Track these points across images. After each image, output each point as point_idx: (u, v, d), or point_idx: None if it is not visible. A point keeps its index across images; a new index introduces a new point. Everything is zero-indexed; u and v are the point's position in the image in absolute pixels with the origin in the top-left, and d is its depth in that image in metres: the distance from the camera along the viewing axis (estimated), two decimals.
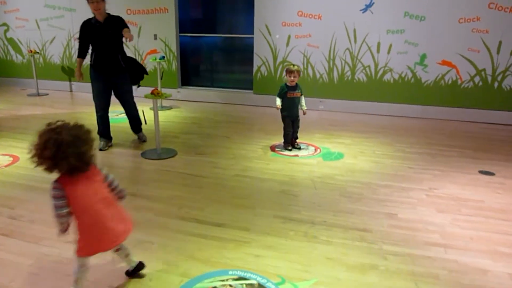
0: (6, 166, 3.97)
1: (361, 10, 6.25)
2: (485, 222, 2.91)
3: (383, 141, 4.98)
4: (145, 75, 4.65)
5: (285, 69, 4.47)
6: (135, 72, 4.41)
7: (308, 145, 4.74)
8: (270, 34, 6.78)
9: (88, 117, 6.08)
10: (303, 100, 4.50)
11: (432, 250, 2.53)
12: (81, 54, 4.30)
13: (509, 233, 2.76)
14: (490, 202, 3.27)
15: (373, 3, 6.16)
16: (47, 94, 7.95)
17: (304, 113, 4.51)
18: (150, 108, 6.14)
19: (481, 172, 3.94)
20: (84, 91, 8.14)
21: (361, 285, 2.17)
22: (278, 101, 4.43)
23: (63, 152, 1.74)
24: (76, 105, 7.20)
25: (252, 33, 6.90)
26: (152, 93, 4.12)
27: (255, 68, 7.04)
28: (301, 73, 4.45)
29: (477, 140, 5.07)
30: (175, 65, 7.47)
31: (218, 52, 7.64)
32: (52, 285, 2.15)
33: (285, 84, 4.42)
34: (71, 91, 8.38)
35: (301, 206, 3.14)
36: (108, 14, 4.22)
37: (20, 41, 8.55)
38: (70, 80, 8.35)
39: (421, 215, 3.01)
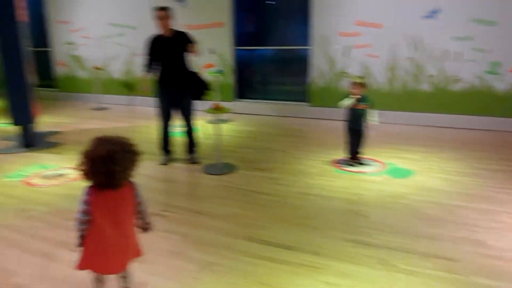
0: (72, 180, 4.09)
1: (424, 16, 5.92)
2: None
3: (453, 156, 4.61)
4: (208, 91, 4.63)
5: (352, 80, 4.25)
6: (198, 87, 4.41)
7: (373, 160, 4.50)
8: (327, 45, 6.62)
9: (146, 130, 6.24)
10: (371, 113, 4.21)
11: None
12: (148, 69, 4.37)
13: None
14: None
15: (438, 9, 5.81)
16: (108, 108, 8.28)
17: (372, 128, 4.29)
18: (207, 122, 6.18)
19: None
20: (143, 105, 8.40)
21: None
22: (346, 101, 4.15)
23: (94, 167, 1.74)
24: (135, 118, 7.42)
25: (308, 44, 6.78)
26: (213, 107, 4.09)
27: (311, 80, 6.88)
28: (365, 86, 4.19)
29: None
30: (230, 79, 7.50)
31: (273, 64, 7.58)
32: None
33: (351, 94, 4.19)
34: (130, 105, 8.67)
35: (372, 229, 2.93)
36: (174, 29, 4.27)
37: (85, 58, 9.03)
38: (130, 95, 8.66)
39: None
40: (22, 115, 5.12)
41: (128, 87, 8.62)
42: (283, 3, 7.25)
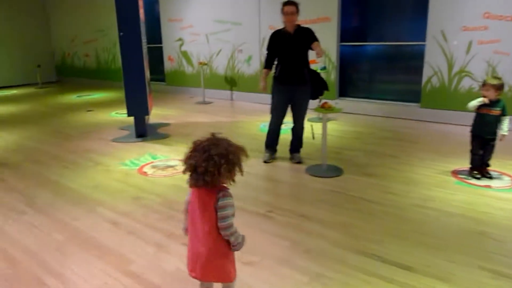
0: (180, 172, 4.23)
1: None
2: None
3: None
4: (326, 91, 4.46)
5: (483, 81, 3.75)
6: (317, 86, 4.26)
7: (502, 174, 3.91)
8: (446, 41, 5.98)
9: (247, 125, 6.30)
10: (505, 122, 3.68)
11: None
12: (268, 65, 4.31)
13: None
14: None
15: None
16: (211, 102, 8.58)
17: (501, 139, 3.70)
18: (308, 120, 6.01)
19: None
20: (243, 100, 8.55)
21: None
22: (476, 103, 3.69)
23: (186, 162, 1.71)
24: (236, 113, 7.56)
25: (424, 40, 6.20)
26: (322, 106, 3.91)
27: (424, 79, 6.30)
28: (501, 88, 3.63)
29: None
30: (334, 76, 7.23)
31: (381, 61, 7.10)
32: None
33: (482, 97, 3.71)
34: (231, 99, 8.89)
35: (510, 257, 2.49)
36: (298, 25, 4.16)
37: (191, 54, 9.47)
38: (231, 90, 8.87)
39: None
40: (137, 107, 5.49)
41: (229, 82, 8.84)
42: None
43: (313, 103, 4.43)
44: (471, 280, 2.28)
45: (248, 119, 6.82)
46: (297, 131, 4.39)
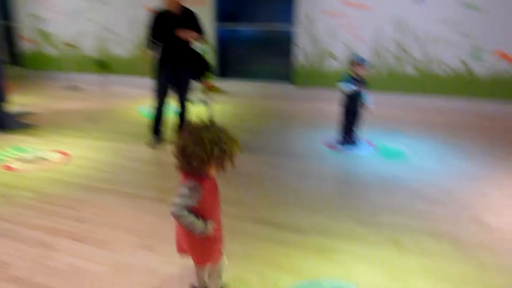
0: (57, 163, 3.87)
1: (413, 0, 5.95)
2: None
3: (443, 138, 4.72)
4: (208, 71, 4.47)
5: (352, 60, 4.17)
6: (199, 66, 4.24)
7: (366, 142, 4.52)
8: (311, 24, 6.53)
9: (125, 110, 6.01)
10: (367, 96, 4.22)
11: None
12: (150, 45, 4.16)
13: None
14: None
15: None
16: (82, 88, 7.88)
17: (369, 111, 4.27)
18: (193, 102, 5.99)
19: None
20: (118, 84, 8.06)
21: None
22: (347, 86, 4.09)
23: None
24: (112, 98, 7.09)
25: (293, 24, 6.67)
26: (207, 87, 3.96)
27: (295, 60, 6.81)
28: (366, 67, 4.17)
29: None
30: (212, 58, 7.30)
31: (256, 43, 7.41)
32: None
33: (351, 75, 4.14)
34: (105, 84, 8.28)
35: (377, 209, 2.95)
36: (183, 6, 4.06)
37: (54, 34, 8.49)
38: (104, 73, 8.26)
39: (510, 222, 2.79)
40: None
41: (100, 65, 8.21)
42: None
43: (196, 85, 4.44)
44: (346, 231, 2.64)
45: (126, 103, 6.49)
46: (182, 112, 4.36)
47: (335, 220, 2.80)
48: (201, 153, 1.56)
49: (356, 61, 4.11)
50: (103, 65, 8.17)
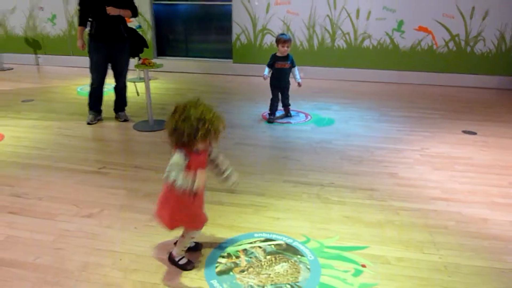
0: None
1: None
2: (478, 177, 3.14)
3: (369, 106, 5.14)
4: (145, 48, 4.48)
5: (276, 39, 4.36)
6: (136, 43, 4.24)
7: (298, 112, 4.82)
8: (249, 1, 6.66)
9: (62, 90, 5.85)
10: (296, 72, 4.43)
11: (437, 204, 2.72)
12: (82, 22, 4.09)
13: (502, 186, 3.00)
14: (478, 159, 3.51)
15: None
16: (11, 69, 7.47)
17: (299, 85, 4.46)
18: (129, 80, 5.96)
19: (465, 132, 4.19)
20: (52, 64, 7.74)
21: (382, 239, 2.32)
22: (266, 71, 4.35)
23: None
24: (47, 78, 6.84)
25: (230, 0, 6.75)
26: (143, 63, 4.00)
27: (234, 37, 6.93)
28: (290, 44, 4.29)
29: (456, 103, 5.35)
30: (150, 35, 7.22)
31: (194, 20, 7.41)
32: (82, 259, 2.13)
33: (275, 54, 4.36)
34: (37, 64, 7.92)
35: (307, 170, 3.24)
36: None
37: None
38: (35, 53, 7.88)
39: (419, 173, 3.19)
40: None
41: (31, 44, 7.82)
42: None
43: (134, 62, 4.45)
44: (279, 190, 2.90)
45: (61, 83, 6.29)
46: (120, 89, 4.38)
47: (269, 181, 3.04)
48: (188, 129, 1.71)
49: (279, 39, 4.25)
50: (34, 44, 7.80)
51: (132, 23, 6.88)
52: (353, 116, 4.71)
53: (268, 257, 2.15)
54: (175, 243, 2.16)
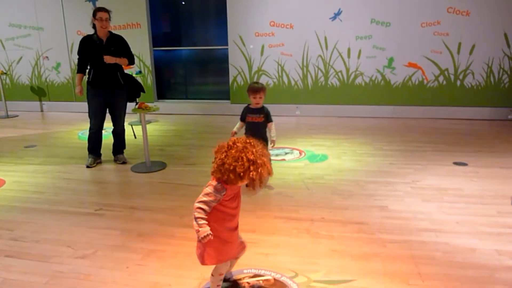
0: None
1: (330, 18, 6.57)
2: (467, 207, 3.18)
3: (362, 141, 5.25)
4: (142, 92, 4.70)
5: (247, 88, 3.62)
6: (133, 89, 4.46)
7: (292, 149, 4.93)
8: (244, 45, 6.97)
9: (64, 135, 6.04)
10: (272, 130, 3.56)
11: (425, 235, 2.76)
12: (81, 70, 4.32)
13: (490, 215, 3.04)
14: (468, 189, 3.56)
15: (341, 11, 6.49)
16: (17, 116, 7.74)
17: (272, 144, 3.54)
18: (129, 124, 6.15)
19: (456, 163, 4.26)
20: (56, 111, 8.01)
21: (368, 271, 2.35)
22: (236, 126, 3.62)
23: None
24: (50, 124, 7.07)
25: (226, 44, 7.07)
26: (139, 107, 4.18)
27: (231, 79, 7.20)
28: (264, 93, 3.56)
29: (448, 135, 5.46)
30: (150, 79, 7.51)
31: (193, 64, 7.74)
32: None
33: (248, 105, 3.65)
34: (41, 111, 8.20)
35: (298, 206, 3.30)
36: (110, 32, 4.25)
37: None
38: (40, 100, 8.18)
39: (409, 206, 3.24)
40: None
41: (36, 92, 8.14)
42: (199, 4, 7.44)
43: (132, 106, 4.64)
44: (270, 227, 2.95)
45: (64, 129, 6.50)
46: (118, 133, 4.54)
47: (260, 217, 3.11)
48: (238, 169, 1.77)
49: (249, 88, 3.56)
50: (39, 92, 8.12)
51: (133, 68, 7.22)
52: (346, 151, 4.81)
53: None
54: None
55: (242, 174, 1.78)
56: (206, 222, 1.86)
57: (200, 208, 1.88)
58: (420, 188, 3.60)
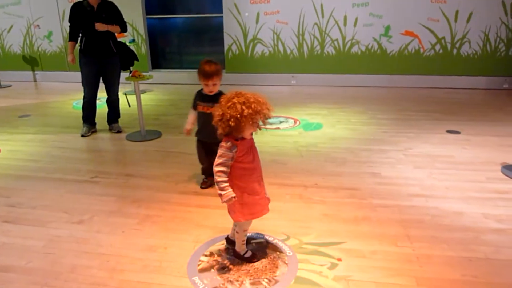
0: None
1: None
2: (457, 174, 3.24)
3: (357, 110, 5.26)
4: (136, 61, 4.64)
5: (198, 70, 2.77)
6: (126, 57, 4.40)
7: (287, 118, 4.94)
8: (239, 13, 6.84)
9: (58, 105, 6.00)
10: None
11: (415, 200, 2.82)
12: (73, 38, 4.24)
13: (478, 181, 3.10)
14: (459, 156, 3.61)
15: None
16: (10, 86, 7.66)
17: None
18: (123, 93, 6.11)
19: (449, 131, 4.30)
20: (49, 80, 7.93)
21: (357, 234, 2.41)
22: (188, 120, 2.96)
23: None
24: (44, 94, 7.01)
25: (221, 12, 6.93)
26: (133, 75, 4.14)
27: (226, 47, 7.10)
28: (220, 74, 2.80)
29: (442, 104, 5.47)
30: (144, 48, 7.40)
31: (187, 33, 7.61)
32: (71, 262, 2.24)
33: (199, 91, 2.91)
34: (35, 81, 8.11)
35: (292, 173, 3.35)
36: None
37: None
38: (33, 70, 8.07)
39: (401, 172, 3.30)
40: None
41: (29, 61, 8.01)
42: None
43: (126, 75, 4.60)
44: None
45: (58, 98, 6.46)
46: (112, 101, 4.52)
47: None
48: (234, 113, 1.81)
49: (199, 70, 2.76)
50: (32, 62, 8.00)
51: (126, 37, 7.09)
52: (340, 120, 4.83)
53: None
54: (226, 238, 2.32)
55: (239, 117, 1.81)
56: (228, 184, 1.92)
57: (219, 171, 1.92)
58: (412, 156, 3.65)
